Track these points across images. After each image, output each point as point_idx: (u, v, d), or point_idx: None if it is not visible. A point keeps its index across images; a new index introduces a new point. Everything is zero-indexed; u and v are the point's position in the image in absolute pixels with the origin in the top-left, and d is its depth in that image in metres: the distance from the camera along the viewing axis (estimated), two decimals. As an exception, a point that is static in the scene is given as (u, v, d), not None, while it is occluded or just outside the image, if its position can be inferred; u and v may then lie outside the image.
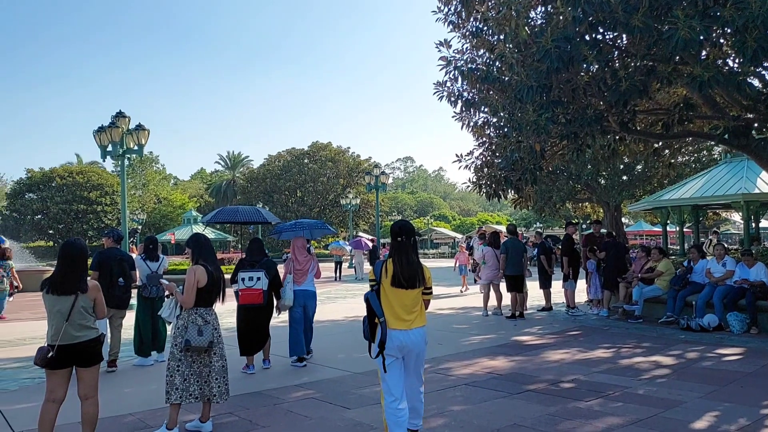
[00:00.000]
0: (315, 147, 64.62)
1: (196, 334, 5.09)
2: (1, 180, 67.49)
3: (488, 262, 12.93)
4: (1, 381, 7.47)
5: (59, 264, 4.69)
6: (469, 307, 14.18)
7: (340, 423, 5.46)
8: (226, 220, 9.99)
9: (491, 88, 10.94)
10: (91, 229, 55.13)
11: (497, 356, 8.39)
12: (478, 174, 12.52)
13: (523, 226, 57.68)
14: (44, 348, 4.52)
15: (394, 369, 4.52)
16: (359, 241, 28.84)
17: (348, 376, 7.37)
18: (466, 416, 5.57)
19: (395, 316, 4.51)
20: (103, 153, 15.43)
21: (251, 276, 7.52)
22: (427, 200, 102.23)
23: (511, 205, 19.19)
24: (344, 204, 42.34)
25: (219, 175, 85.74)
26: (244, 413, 5.80)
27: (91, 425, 4.66)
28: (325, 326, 11.85)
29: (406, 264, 4.55)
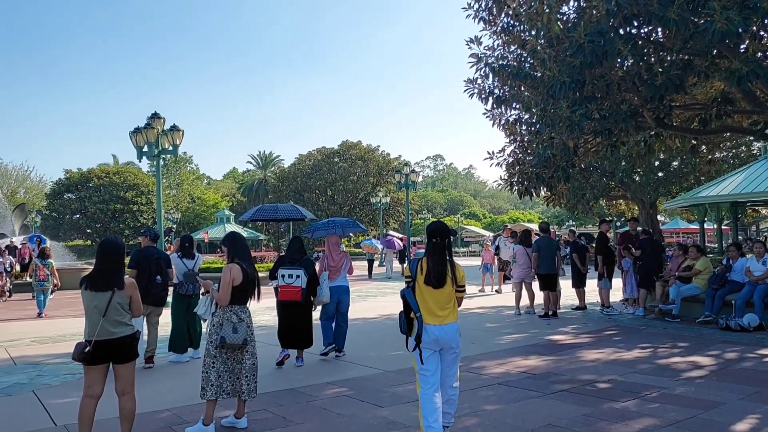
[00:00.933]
0: (345, 146, 64.83)
1: (231, 332, 5.17)
2: (41, 181, 69.23)
3: (519, 261, 12.82)
4: (44, 376, 7.68)
5: (97, 261, 4.80)
6: (501, 306, 14.07)
7: (373, 421, 5.47)
8: (267, 218, 10.19)
9: (523, 84, 10.85)
10: (128, 228, 56.30)
11: (530, 355, 8.31)
12: (510, 171, 12.42)
13: (555, 224, 56.98)
14: (81, 343, 4.62)
15: (431, 361, 4.71)
16: (391, 240, 28.89)
17: (380, 374, 7.39)
18: (500, 416, 5.53)
19: (429, 312, 4.71)
20: (139, 153, 15.74)
21: (290, 273, 7.72)
22: (457, 198, 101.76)
23: (543, 202, 18.98)
24: (374, 202, 42.42)
25: (251, 174, 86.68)
26: (278, 410, 5.85)
27: (128, 420, 4.75)
28: (356, 324, 11.87)
29: (439, 264, 4.73)
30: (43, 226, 53.00)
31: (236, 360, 5.28)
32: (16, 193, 61.43)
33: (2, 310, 16.65)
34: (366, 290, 19.97)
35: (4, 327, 12.71)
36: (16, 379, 7.54)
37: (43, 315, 14.28)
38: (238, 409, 5.34)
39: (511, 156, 12.58)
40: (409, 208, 30.92)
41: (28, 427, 5.50)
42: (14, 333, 11.68)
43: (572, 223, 50.60)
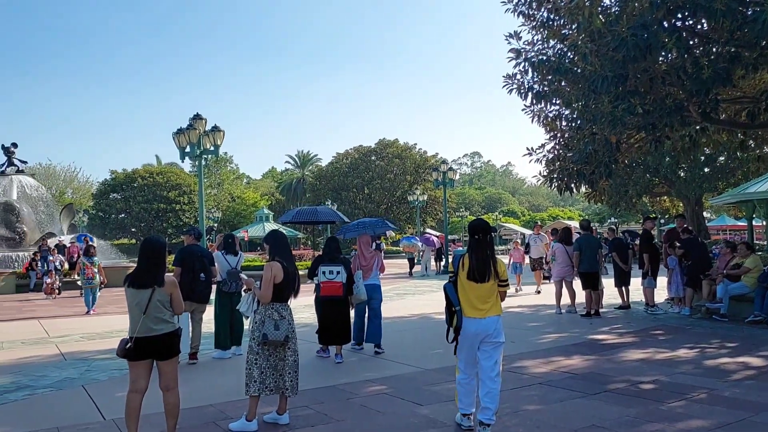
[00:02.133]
0: (382, 144, 64.94)
1: (273, 329, 5.23)
2: (87, 181, 71.37)
3: (558, 259, 12.64)
4: (92, 371, 7.91)
5: (139, 259, 4.90)
6: (541, 305, 13.89)
7: (414, 419, 5.47)
8: (306, 220, 10.38)
9: (563, 79, 10.69)
10: (171, 227, 57.63)
11: (573, 355, 8.18)
12: (550, 168, 12.24)
13: (596, 221, 55.96)
14: (125, 340, 4.73)
15: (468, 353, 5.02)
16: (429, 238, 28.85)
17: (420, 372, 7.38)
18: (542, 416, 5.46)
19: (471, 306, 4.96)
20: (182, 154, 16.06)
21: (331, 270, 8.02)
22: (495, 196, 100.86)
23: (584, 199, 18.68)
24: (411, 200, 42.36)
25: (289, 173, 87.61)
26: (319, 407, 5.90)
27: (173, 415, 4.85)
28: (395, 322, 11.90)
29: (481, 260, 4.97)
30: (90, 225, 54.57)
31: (279, 357, 5.34)
32: (64, 194, 63.42)
33: (52, 307, 17.23)
34: (404, 288, 19.99)
35: (55, 323, 13.15)
36: (66, 374, 7.79)
37: (92, 312, 14.70)
38: (280, 406, 5.41)
39: (551, 152, 12.40)
40: (446, 205, 30.78)
41: (79, 420, 5.68)
42: (64, 329, 12.07)
43: (614, 221, 49.64)
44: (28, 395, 6.73)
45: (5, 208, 28.16)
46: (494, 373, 4.98)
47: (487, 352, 4.99)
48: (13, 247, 27.43)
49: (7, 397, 6.63)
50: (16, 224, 28.24)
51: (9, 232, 27.91)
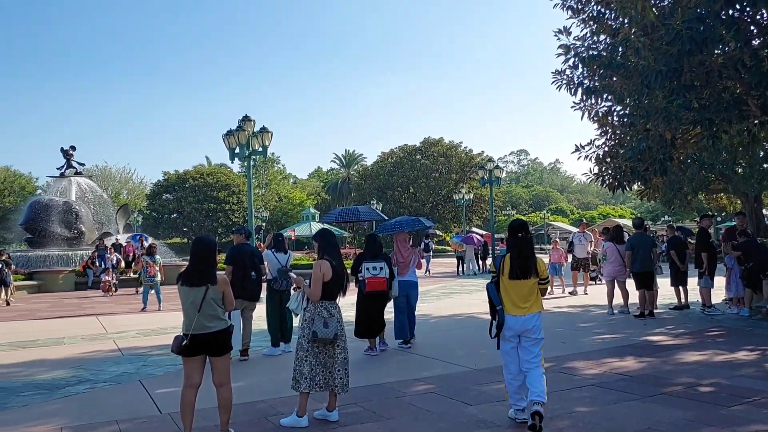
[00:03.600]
0: (427, 143, 64.75)
1: (323, 327, 5.28)
2: (141, 182, 73.64)
3: (610, 258, 12.36)
4: (148, 366, 8.16)
5: (191, 258, 5.02)
6: (592, 305, 13.61)
7: (463, 419, 5.44)
8: (348, 219, 10.68)
9: (615, 74, 10.44)
10: (221, 226, 58.89)
11: (626, 356, 7.98)
12: (601, 165, 11.96)
13: (649, 219, 54.48)
14: (179, 337, 4.85)
15: (511, 350, 5.21)
16: (470, 236, 28.65)
17: (468, 372, 7.33)
18: (595, 418, 5.35)
19: (513, 304, 5.16)
20: (232, 155, 16.39)
21: (375, 266, 8.32)
22: (542, 194, 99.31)
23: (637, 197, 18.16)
24: (457, 199, 42.10)
25: (335, 173, 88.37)
26: (368, 404, 5.93)
27: (226, 410, 4.95)
28: (442, 322, 11.87)
29: (524, 257, 5.18)
30: (144, 225, 56.22)
31: (328, 354, 5.39)
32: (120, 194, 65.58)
33: (109, 304, 17.86)
34: (450, 288, 19.89)
35: (112, 320, 13.62)
36: (123, 369, 8.06)
37: (160, 309, 15.11)
38: (329, 402, 5.46)
39: (602, 149, 12.11)
40: (492, 204, 30.46)
41: (136, 414, 5.87)
42: (121, 325, 12.49)
43: (668, 219, 48.22)
44: (88, 389, 6.99)
45: (64, 208, 29.26)
46: (534, 364, 5.15)
47: (527, 348, 5.18)
48: (72, 246, 28.50)
49: (69, 390, 6.91)
50: (75, 224, 29.33)
51: (68, 231, 29.00)
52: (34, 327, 12.73)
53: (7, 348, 9.99)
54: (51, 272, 24.09)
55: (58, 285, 23.29)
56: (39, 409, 6.14)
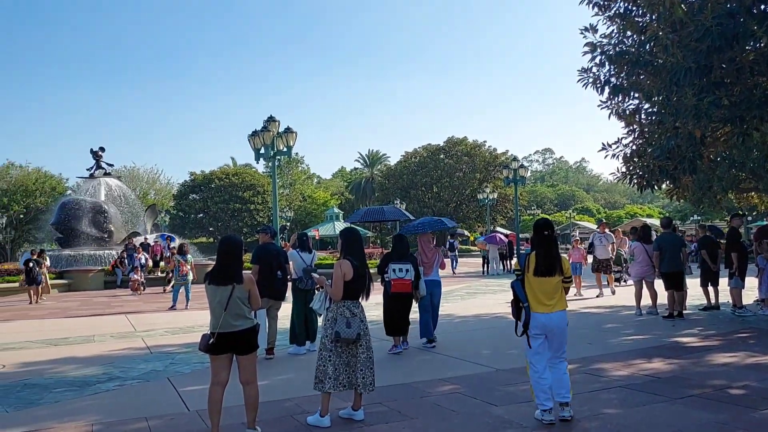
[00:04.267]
0: (450, 142, 64.53)
1: (345, 326, 5.29)
2: (168, 182, 74.61)
3: (637, 258, 12.19)
4: (176, 364, 8.28)
5: (218, 258, 5.07)
6: (619, 306, 13.43)
7: (488, 419, 5.41)
8: (374, 219, 10.72)
9: (642, 72, 10.28)
10: (246, 226, 59.45)
11: (654, 358, 7.86)
12: (628, 164, 11.77)
13: (678, 219, 53.58)
14: (206, 335, 4.91)
15: (539, 346, 5.26)
16: (494, 236, 28.52)
17: (493, 372, 7.29)
18: (623, 420, 5.28)
19: (538, 301, 5.25)
20: (257, 155, 16.54)
21: (401, 267, 8.42)
22: (568, 193, 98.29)
23: (665, 196, 17.85)
24: (481, 199, 41.89)
25: (358, 173, 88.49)
26: (393, 404, 5.94)
27: (253, 408, 5.00)
28: (466, 321, 11.83)
29: (549, 255, 5.28)
30: (171, 224, 57.07)
31: (351, 353, 5.39)
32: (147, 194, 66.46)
33: (138, 302, 18.15)
34: (475, 287, 19.80)
35: (140, 318, 13.84)
36: (152, 366, 8.19)
37: (188, 308, 15.30)
38: (355, 402, 5.47)
39: (630, 147, 11.92)
40: (517, 203, 30.25)
41: (165, 411, 5.96)
42: (149, 324, 12.69)
43: (697, 218, 47.37)
44: (118, 386, 7.11)
45: (94, 208, 29.80)
46: (560, 361, 5.32)
47: (553, 345, 5.31)
48: (101, 245, 29.02)
49: (99, 387, 7.04)
50: (104, 224, 29.85)
51: (97, 231, 29.53)
52: (65, 325, 13.00)
53: (39, 345, 10.21)
54: (81, 271, 24.57)
55: (88, 284, 23.76)
56: (70, 406, 6.27)
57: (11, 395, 6.71)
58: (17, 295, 20.58)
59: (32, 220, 57.60)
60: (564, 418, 5.18)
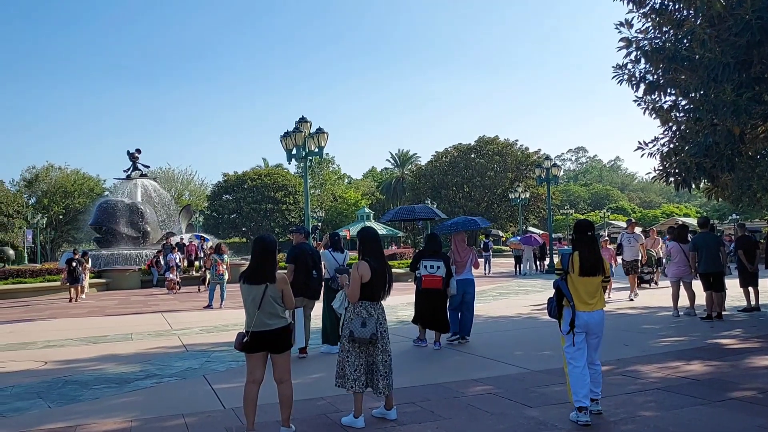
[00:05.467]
0: (481, 141, 64.16)
1: (360, 326, 5.27)
2: (202, 183, 75.81)
3: (674, 258, 11.95)
4: (212, 362, 8.41)
5: (252, 257, 5.13)
6: (656, 307, 13.18)
7: (523, 420, 5.37)
8: (405, 218, 10.97)
9: (679, 67, 10.06)
10: (278, 226, 60.04)
11: (692, 360, 7.69)
12: (665, 162, 11.53)
13: (716, 218, 52.37)
14: (241, 334, 4.97)
15: (580, 343, 5.38)
16: (529, 236, 28.29)
17: (527, 373, 7.23)
18: (660, 423, 5.19)
19: (581, 300, 5.38)
20: (289, 156, 16.66)
21: (432, 264, 8.67)
22: (602, 192, 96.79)
23: (702, 195, 17.41)
24: (513, 198, 41.52)
25: (389, 173, 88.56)
26: (426, 404, 5.93)
27: (287, 406, 5.05)
28: (500, 322, 11.75)
29: (593, 255, 5.41)
30: (205, 225, 57.88)
31: (370, 354, 5.36)
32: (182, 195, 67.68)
33: (173, 301, 18.47)
34: (507, 288, 19.64)
35: (176, 316, 14.09)
36: (188, 364, 8.33)
37: (222, 306, 15.54)
38: (387, 401, 5.48)
39: (666, 145, 11.69)
40: (550, 203, 29.91)
41: (201, 408, 6.05)
42: (185, 322, 12.91)
43: (736, 217, 46.17)
44: (155, 383, 7.26)
45: (131, 209, 30.43)
46: (597, 360, 5.51)
47: (592, 344, 5.46)
48: (138, 245, 29.62)
49: (138, 384, 7.19)
50: (140, 224, 30.46)
51: (134, 231, 30.15)
52: (104, 323, 13.31)
53: (79, 343, 10.48)
54: (118, 271, 25.11)
55: (125, 283, 24.27)
56: (109, 402, 6.42)
57: (53, 391, 6.91)
58: (58, 294, 21.14)
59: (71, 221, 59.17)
60: (598, 411, 5.38)
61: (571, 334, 5.35)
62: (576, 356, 5.37)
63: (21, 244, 53.94)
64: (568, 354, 5.43)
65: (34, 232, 50.71)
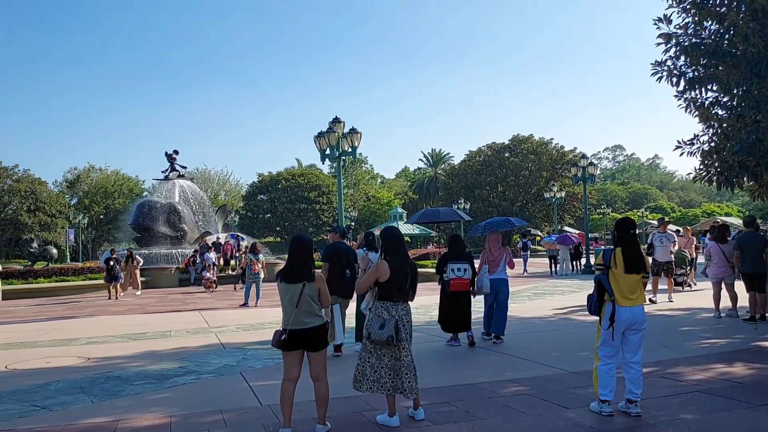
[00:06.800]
0: (516, 140, 63.56)
1: (377, 328, 5.23)
2: (238, 184, 76.89)
3: (714, 259, 11.66)
4: (248, 360, 8.53)
5: (289, 256, 5.17)
6: (696, 308, 12.87)
7: (560, 422, 5.31)
8: (430, 220, 11.17)
9: (721, 63, 9.82)
10: (311, 225, 60.52)
11: (734, 362, 7.50)
12: (706, 161, 11.25)
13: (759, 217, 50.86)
14: (279, 332, 5.02)
15: (616, 340, 5.45)
16: (566, 236, 27.93)
17: (564, 374, 7.14)
18: (701, 426, 5.07)
19: (623, 296, 5.44)
20: (323, 156, 16.78)
21: (459, 267, 8.78)
22: (640, 191, 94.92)
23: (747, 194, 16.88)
24: (548, 197, 41.03)
25: (422, 172, 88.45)
26: (461, 404, 5.91)
27: (323, 404, 5.10)
28: (534, 323, 11.63)
29: (637, 253, 5.49)
30: (241, 224, 58.69)
31: (394, 356, 5.30)
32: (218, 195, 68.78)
33: (210, 299, 18.79)
34: (542, 288, 19.43)
35: (213, 314, 14.33)
36: (226, 361, 8.47)
37: (257, 304, 15.77)
38: (414, 401, 5.46)
39: (707, 143, 11.40)
40: (586, 202, 29.46)
41: (239, 405, 6.15)
42: (222, 320, 13.12)
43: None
44: (194, 380, 7.39)
45: (169, 209, 31.06)
46: (637, 358, 5.48)
47: (632, 340, 5.48)
48: (175, 244, 30.22)
49: (176, 381, 7.34)
50: (178, 224, 31.07)
51: (172, 231, 30.77)
52: (144, 320, 13.63)
53: (120, 340, 10.75)
54: (157, 269, 25.66)
55: (164, 281, 24.81)
56: (150, 398, 6.56)
57: (96, 387, 7.10)
58: (98, 292, 21.71)
59: (111, 221, 60.68)
60: (637, 414, 5.32)
61: (610, 330, 5.41)
62: (610, 353, 5.47)
63: (63, 243, 55.57)
64: (601, 351, 5.51)
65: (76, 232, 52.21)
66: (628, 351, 5.50)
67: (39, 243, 34.33)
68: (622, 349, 5.53)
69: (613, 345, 5.47)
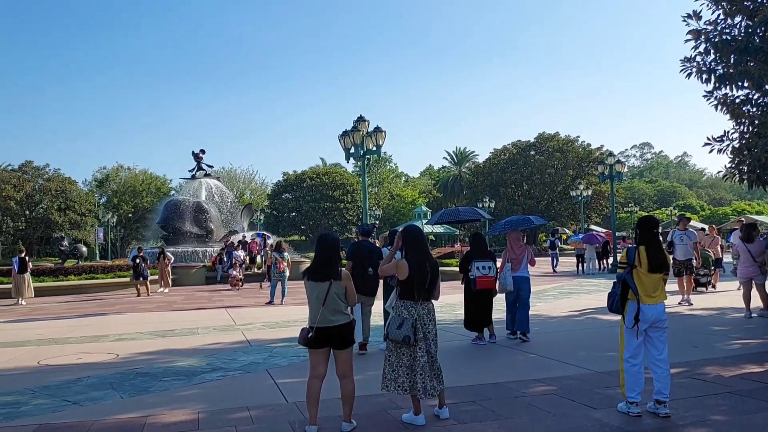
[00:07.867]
0: (541, 138, 62.97)
1: (395, 327, 5.21)
2: (263, 183, 77.52)
3: (741, 258, 11.43)
4: (274, 357, 8.60)
5: (316, 254, 5.20)
6: (726, 308, 12.63)
7: (587, 422, 5.26)
8: (450, 220, 11.33)
9: (752, 59, 9.62)
10: (336, 224, 60.76)
11: (766, 363, 7.34)
12: (737, 158, 11.03)
13: (791, 215, 49.63)
14: (305, 329, 5.06)
15: (641, 338, 5.45)
16: (592, 235, 27.61)
17: (591, 374, 7.07)
18: (731, 427, 4.98)
19: (646, 294, 5.44)
20: (347, 155, 16.84)
21: (484, 265, 8.87)
22: (668, 189, 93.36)
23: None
24: (574, 196, 40.59)
25: (446, 170, 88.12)
26: (486, 403, 5.89)
27: (349, 401, 5.12)
28: (560, 322, 11.53)
29: (660, 251, 5.51)
30: (266, 223, 59.15)
31: (412, 356, 5.27)
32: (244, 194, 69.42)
33: (236, 297, 18.99)
34: (569, 287, 19.24)
35: (240, 312, 14.48)
36: (252, 358, 8.55)
37: (283, 302, 15.90)
38: (439, 400, 5.45)
39: (738, 141, 11.17)
40: (613, 200, 29.07)
41: (265, 401, 6.21)
42: (248, 318, 13.26)
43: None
44: (221, 377, 7.49)
45: (196, 208, 31.45)
46: (663, 355, 5.45)
47: (656, 338, 5.47)
48: (202, 242, 30.58)
49: (204, 377, 7.44)
50: (205, 222, 31.45)
51: (199, 229, 31.16)
52: (172, 318, 13.82)
53: (149, 337, 10.92)
54: (185, 267, 26.02)
55: (191, 279, 25.14)
56: (178, 394, 6.66)
57: (125, 383, 7.23)
58: (127, 290, 22.07)
59: (140, 219, 61.63)
60: (666, 415, 5.26)
61: (635, 328, 5.40)
62: (636, 352, 5.46)
63: (93, 241, 56.63)
64: (627, 352, 5.51)
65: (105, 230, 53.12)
66: (654, 349, 5.47)
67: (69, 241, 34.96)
68: (647, 348, 5.51)
69: (638, 344, 5.46)
